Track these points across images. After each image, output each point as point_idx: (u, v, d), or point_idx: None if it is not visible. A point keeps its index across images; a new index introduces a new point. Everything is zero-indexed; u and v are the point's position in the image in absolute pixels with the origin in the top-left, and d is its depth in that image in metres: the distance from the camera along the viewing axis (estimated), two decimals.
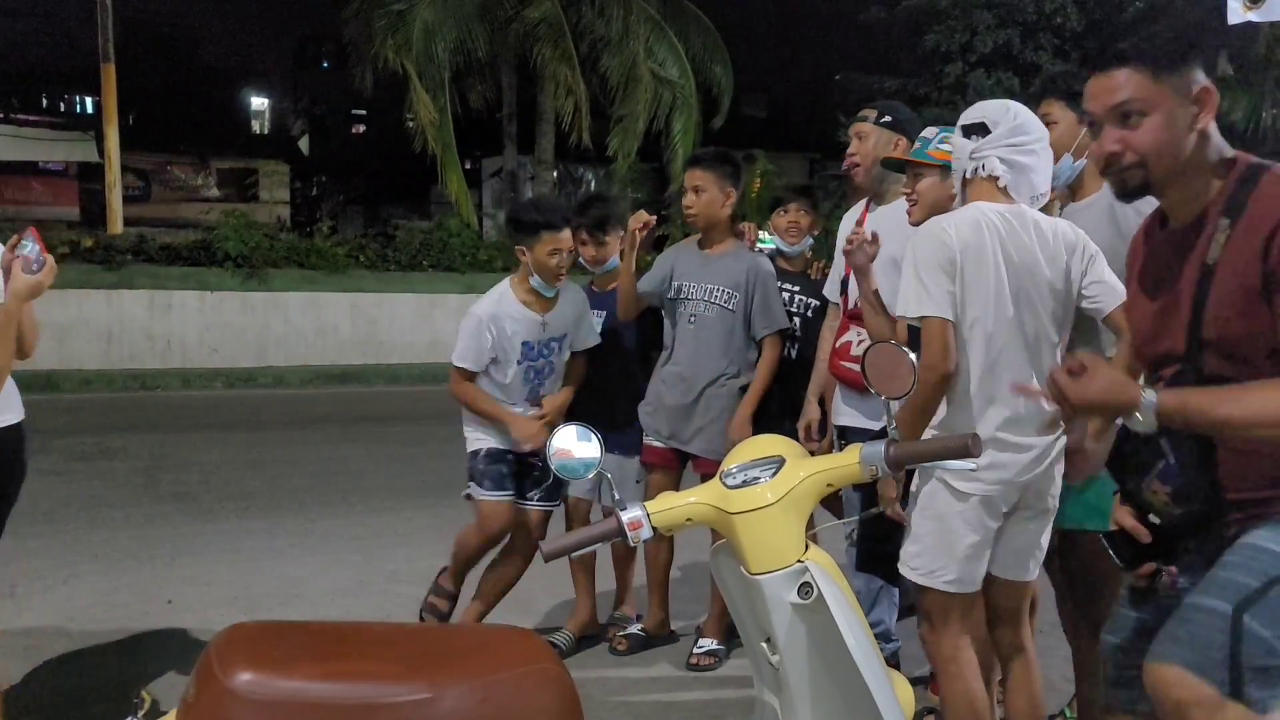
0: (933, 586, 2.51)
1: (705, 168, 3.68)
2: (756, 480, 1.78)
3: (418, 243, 12.98)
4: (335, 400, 10.35)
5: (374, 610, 4.22)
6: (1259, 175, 1.87)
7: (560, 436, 1.94)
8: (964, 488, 2.46)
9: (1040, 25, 16.44)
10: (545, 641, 1.75)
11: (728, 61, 16.04)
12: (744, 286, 3.64)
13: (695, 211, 3.70)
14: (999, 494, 2.48)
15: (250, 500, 5.93)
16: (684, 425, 3.67)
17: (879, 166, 3.32)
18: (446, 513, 5.76)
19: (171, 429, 8.31)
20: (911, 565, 2.54)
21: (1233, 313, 1.82)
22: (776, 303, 3.71)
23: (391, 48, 13.96)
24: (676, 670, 3.63)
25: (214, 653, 1.55)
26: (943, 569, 2.50)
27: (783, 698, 1.82)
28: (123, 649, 3.75)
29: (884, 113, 3.41)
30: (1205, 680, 1.70)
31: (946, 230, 2.46)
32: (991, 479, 2.46)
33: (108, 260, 11.08)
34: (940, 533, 2.49)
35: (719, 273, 3.67)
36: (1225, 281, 1.82)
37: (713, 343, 3.66)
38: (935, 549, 2.50)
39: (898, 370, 1.87)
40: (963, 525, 2.47)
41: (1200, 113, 1.89)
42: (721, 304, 3.65)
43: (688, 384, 3.66)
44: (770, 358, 3.67)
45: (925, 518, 2.51)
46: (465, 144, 16.07)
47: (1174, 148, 1.87)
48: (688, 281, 3.71)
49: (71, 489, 6.08)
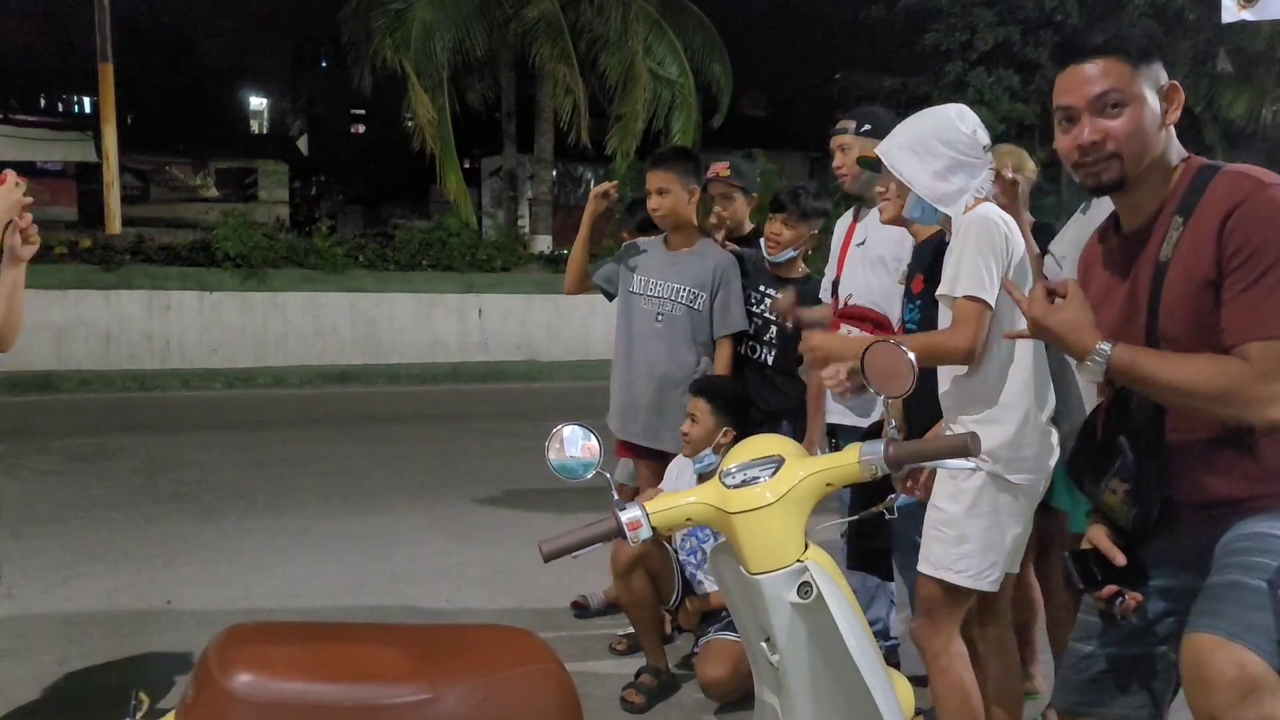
0: (979, 588, 2.50)
1: (667, 168, 3.68)
2: (756, 480, 1.77)
3: (417, 242, 12.97)
4: (335, 400, 10.34)
5: (374, 610, 4.22)
6: (1211, 175, 1.89)
7: (559, 436, 1.93)
8: (1017, 479, 2.46)
9: (1040, 23, 16.46)
10: (544, 641, 1.74)
11: (727, 60, 16.04)
12: (709, 285, 3.66)
13: (662, 213, 3.70)
14: (1043, 483, 2.52)
15: (249, 500, 5.93)
16: (658, 423, 3.69)
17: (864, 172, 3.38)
18: (446, 512, 5.77)
19: (170, 429, 8.31)
20: (957, 569, 2.48)
21: (1183, 306, 1.84)
22: (737, 304, 3.72)
23: (390, 47, 13.96)
24: (676, 669, 3.63)
25: (213, 654, 1.54)
26: (991, 568, 2.48)
27: (783, 697, 1.82)
28: (121, 649, 3.74)
29: (862, 121, 3.43)
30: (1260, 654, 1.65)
31: (1002, 222, 2.47)
32: (1047, 467, 2.50)
33: (106, 261, 11.07)
34: (991, 530, 2.47)
35: (684, 271, 3.69)
36: (1176, 278, 1.85)
37: (682, 341, 3.68)
38: (985, 549, 2.47)
39: (897, 369, 1.87)
40: (1010, 520, 2.48)
41: (1169, 109, 1.90)
42: (687, 303, 3.66)
43: (660, 382, 3.68)
44: (722, 359, 3.70)
45: (976, 516, 2.47)
46: (464, 143, 16.07)
47: (1149, 141, 1.88)
48: (653, 279, 3.72)
49: (70, 489, 6.08)
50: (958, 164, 2.50)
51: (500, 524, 5.52)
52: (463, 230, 13.30)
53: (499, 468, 6.87)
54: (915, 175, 2.53)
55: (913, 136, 2.55)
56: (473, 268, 12.89)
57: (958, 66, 16.87)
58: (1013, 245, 2.45)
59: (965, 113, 2.56)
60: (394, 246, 12.88)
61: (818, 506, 1.81)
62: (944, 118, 2.55)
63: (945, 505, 2.51)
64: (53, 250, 10.68)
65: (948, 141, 2.50)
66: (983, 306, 2.42)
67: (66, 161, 22.64)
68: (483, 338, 12.67)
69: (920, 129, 2.56)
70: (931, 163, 2.51)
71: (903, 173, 2.55)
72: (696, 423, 3.43)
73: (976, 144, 2.52)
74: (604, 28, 14.69)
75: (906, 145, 2.55)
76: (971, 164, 2.51)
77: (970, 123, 2.53)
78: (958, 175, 2.51)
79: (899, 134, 2.60)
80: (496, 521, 5.57)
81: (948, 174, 2.50)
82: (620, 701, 3.35)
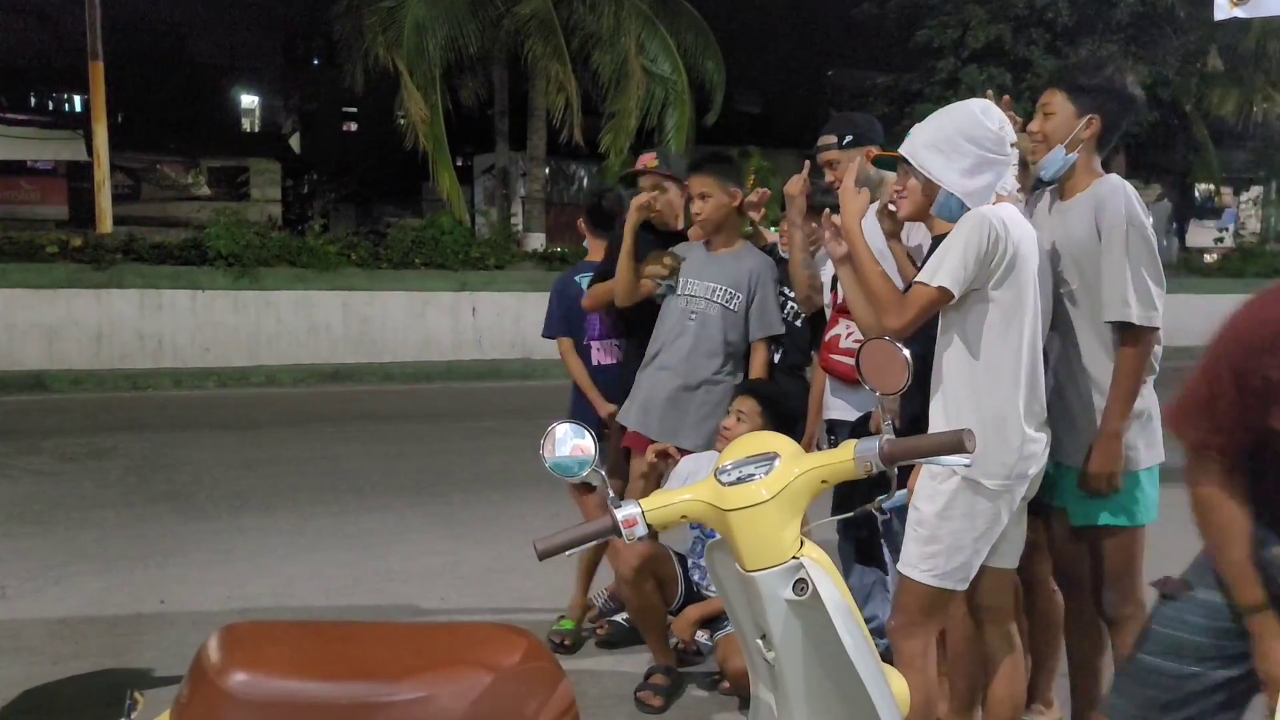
0: (946, 587, 2.51)
1: (707, 172, 3.66)
2: (751, 477, 1.77)
3: (410, 240, 12.93)
4: (328, 399, 10.32)
5: (369, 609, 4.22)
6: None
7: (553, 434, 1.93)
8: (993, 485, 2.46)
9: (1032, 20, 16.47)
10: (540, 639, 1.74)
11: (720, 57, 16.02)
12: (746, 287, 3.65)
13: (704, 217, 3.67)
14: (1021, 488, 2.51)
15: (243, 499, 5.92)
16: (676, 420, 3.66)
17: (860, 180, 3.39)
18: (440, 511, 5.76)
19: (163, 428, 8.28)
20: (923, 567, 2.51)
21: None
22: (772, 308, 3.69)
23: (382, 44, 13.92)
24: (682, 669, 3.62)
25: (207, 653, 1.54)
26: (959, 569, 2.50)
27: (778, 694, 1.82)
28: (115, 649, 3.73)
29: (842, 133, 3.43)
30: None
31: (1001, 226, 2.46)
32: (1033, 471, 2.51)
33: (97, 259, 11.01)
34: (961, 532, 2.48)
35: (722, 272, 3.67)
36: None
37: (713, 340, 3.66)
38: (953, 550, 2.49)
39: (892, 365, 1.87)
40: (985, 523, 2.48)
41: None
42: (723, 303, 3.65)
43: (684, 379, 3.66)
44: (758, 362, 3.69)
45: (947, 519, 2.49)
46: (457, 141, 16.02)
47: None
48: (692, 278, 3.71)
49: (62, 489, 6.06)
50: (985, 161, 2.50)
51: (495, 522, 5.51)
52: (456, 228, 13.25)
53: (493, 466, 6.87)
54: (944, 173, 2.53)
55: (938, 135, 2.55)
56: (466, 266, 12.85)
57: (949, 64, 16.88)
58: (1006, 246, 2.45)
59: (990, 108, 2.55)
60: (387, 245, 12.83)
61: (813, 503, 1.81)
62: (969, 115, 2.54)
63: (921, 505, 2.53)
64: (44, 249, 10.65)
65: (974, 139, 2.50)
66: (939, 298, 2.44)
67: (57, 160, 22.56)
68: (476, 336, 12.65)
69: (945, 127, 2.55)
70: (959, 160, 2.51)
71: (931, 171, 2.54)
72: (742, 422, 3.34)
73: (1002, 140, 2.51)
74: (597, 25, 14.67)
75: (932, 144, 2.54)
76: (998, 160, 2.51)
77: (996, 119, 2.52)
78: (986, 172, 2.51)
79: (923, 132, 2.58)
80: (491, 520, 5.57)
81: (975, 171, 2.50)
82: (636, 704, 3.35)
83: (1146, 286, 2.60)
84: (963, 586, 2.55)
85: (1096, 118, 2.70)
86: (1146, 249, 2.62)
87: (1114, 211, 2.63)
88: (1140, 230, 2.62)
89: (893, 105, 17.65)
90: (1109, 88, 2.72)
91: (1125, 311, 2.59)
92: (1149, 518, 2.73)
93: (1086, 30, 16.26)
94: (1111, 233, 2.61)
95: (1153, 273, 2.62)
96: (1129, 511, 2.69)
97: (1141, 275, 2.60)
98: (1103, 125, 2.72)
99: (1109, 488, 2.61)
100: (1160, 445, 2.75)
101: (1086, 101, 2.70)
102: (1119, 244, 2.60)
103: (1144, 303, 2.59)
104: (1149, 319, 2.60)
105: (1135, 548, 2.73)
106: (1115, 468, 2.60)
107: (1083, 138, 2.70)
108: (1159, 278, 2.63)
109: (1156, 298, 2.62)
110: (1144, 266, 2.60)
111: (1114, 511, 2.67)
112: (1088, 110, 2.70)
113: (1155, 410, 2.73)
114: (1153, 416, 2.73)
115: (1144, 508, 2.70)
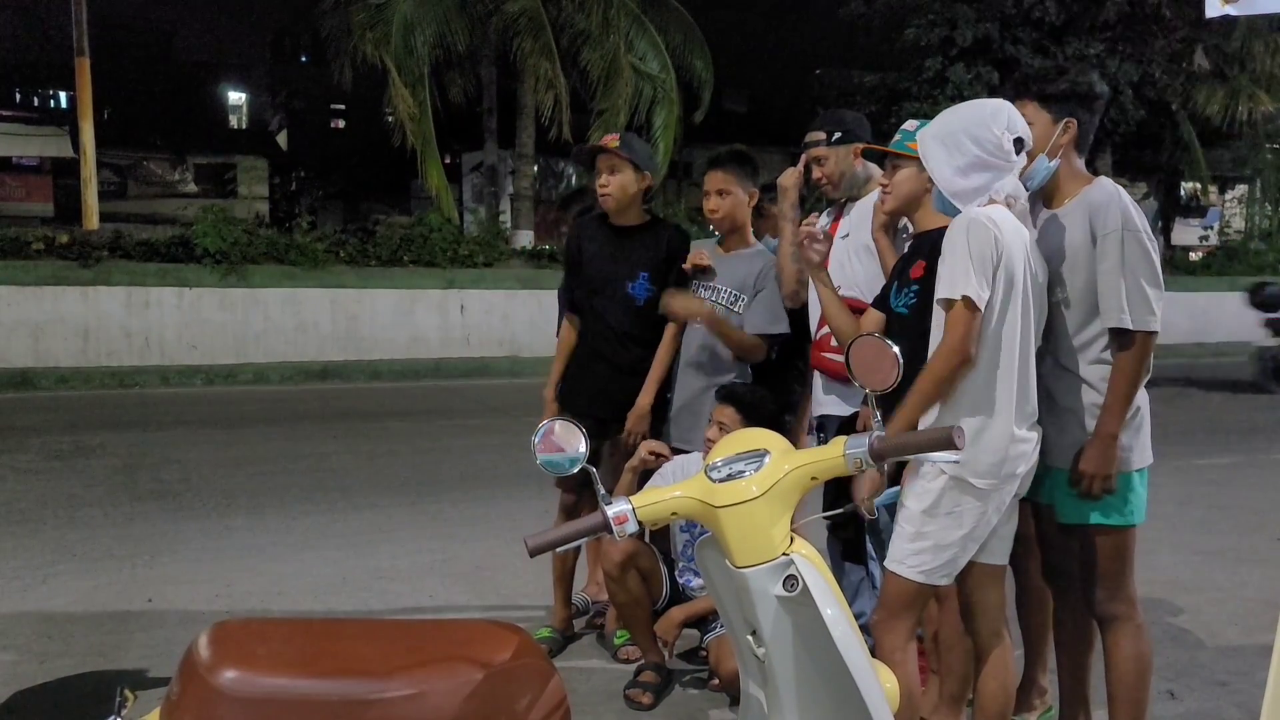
0: (931, 583, 2.54)
1: (728, 169, 3.62)
2: (741, 474, 1.78)
3: (398, 238, 12.91)
4: (316, 397, 10.29)
5: (358, 606, 4.21)
6: None
7: (545, 431, 1.93)
8: (981, 484, 2.48)
9: (1019, 19, 16.51)
10: (532, 636, 1.74)
11: (708, 55, 16.05)
12: (749, 288, 3.61)
13: (721, 215, 3.64)
14: (1008, 486, 2.52)
15: (231, 498, 5.90)
16: (690, 423, 3.61)
17: (848, 176, 3.43)
18: (430, 508, 5.76)
19: (150, 426, 8.25)
20: (909, 564, 2.53)
21: None
22: (776, 307, 3.61)
23: (370, 41, 13.88)
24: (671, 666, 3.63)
25: (197, 651, 1.53)
26: (945, 565, 2.52)
27: (769, 690, 1.83)
28: (104, 648, 3.71)
29: (831, 130, 3.42)
30: None
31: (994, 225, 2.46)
32: (1022, 470, 2.52)
33: (84, 257, 10.96)
34: (947, 530, 2.50)
35: (730, 274, 3.64)
36: None
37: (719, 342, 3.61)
38: (939, 548, 2.51)
39: (881, 363, 1.88)
40: (973, 522, 2.50)
41: None
42: (728, 305, 3.61)
43: (695, 382, 3.63)
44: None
45: (933, 516, 2.50)
46: (445, 138, 15.99)
47: None
48: (702, 280, 3.68)
49: (49, 488, 6.03)
50: (981, 163, 2.50)
51: (484, 520, 5.51)
52: (444, 226, 13.24)
53: (482, 463, 6.86)
54: (938, 167, 2.55)
55: (945, 129, 2.56)
56: (454, 263, 12.84)
57: (937, 62, 16.91)
58: (1002, 246, 2.46)
59: (1000, 113, 2.53)
60: (375, 242, 12.81)
61: (803, 500, 1.82)
62: (978, 115, 2.55)
63: (909, 503, 2.56)
64: (30, 246, 10.59)
65: (976, 139, 2.50)
66: (974, 309, 2.44)
67: (43, 156, 22.42)
68: (465, 333, 12.64)
69: (953, 122, 2.57)
70: (956, 158, 2.52)
71: (929, 162, 2.57)
72: (724, 432, 3.23)
73: (1003, 148, 2.51)
74: (585, 23, 14.67)
75: (938, 136, 2.56)
76: (996, 166, 2.51)
77: (1003, 124, 2.51)
78: (979, 174, 2.51)
79: (937, 123, 2.61)
80: (480, 517, 5.56)
81: (969, 171, 2.51)
82: (626, 701, 3.34)
83: (1143, 292, 2.61)
84: (946, 583, 2.57)
85: (1072, 120, 2.72)
86: (1143, 254, 2.63)
87: (1110, 217, 2.64)
88: (1136, 235, 2.63)
89: (880, 104, 17.67)
90: (1075, 90, 2.75)
91: (1122, 318, 2.60)
92: (1139, 518, 2.74)
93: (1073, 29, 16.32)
94: (1107, 239, 2.63)
95: (1150, 278, 2.63)
96: (1121, 511, 2.71)
97: (1138, 281, 2.61)
98: (1078, 126, 2.74)
99: (1103, 489, 2.63)
100: (1149, 447, 2.77)
101: (1058, 108, 2.73)
102: (1115, 250, 2.61)
103: (1141, 308, 2.60)
104: (1146, 324, 2.61)
105: (1126, 547, 2.74)
106: (1110, 469, 2.61)
107: (1061, 143, 2.72)
108: (1157, 282, 2.64)
109: (1154, 302, 2.63)
110: (1141, 272, 2.62)
111: (1105, 511, 2.68)
112: (1062, 115, 2.72)
113: (1148, 411, 2.75)
114: (1145, 418, 2.74)
115: (1135, 508, 2.72)
